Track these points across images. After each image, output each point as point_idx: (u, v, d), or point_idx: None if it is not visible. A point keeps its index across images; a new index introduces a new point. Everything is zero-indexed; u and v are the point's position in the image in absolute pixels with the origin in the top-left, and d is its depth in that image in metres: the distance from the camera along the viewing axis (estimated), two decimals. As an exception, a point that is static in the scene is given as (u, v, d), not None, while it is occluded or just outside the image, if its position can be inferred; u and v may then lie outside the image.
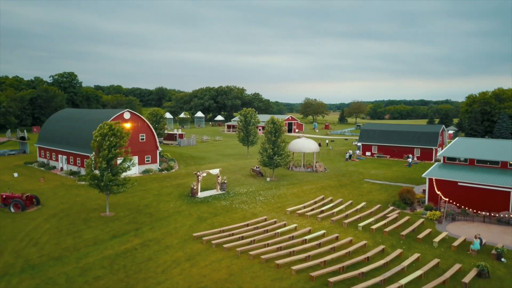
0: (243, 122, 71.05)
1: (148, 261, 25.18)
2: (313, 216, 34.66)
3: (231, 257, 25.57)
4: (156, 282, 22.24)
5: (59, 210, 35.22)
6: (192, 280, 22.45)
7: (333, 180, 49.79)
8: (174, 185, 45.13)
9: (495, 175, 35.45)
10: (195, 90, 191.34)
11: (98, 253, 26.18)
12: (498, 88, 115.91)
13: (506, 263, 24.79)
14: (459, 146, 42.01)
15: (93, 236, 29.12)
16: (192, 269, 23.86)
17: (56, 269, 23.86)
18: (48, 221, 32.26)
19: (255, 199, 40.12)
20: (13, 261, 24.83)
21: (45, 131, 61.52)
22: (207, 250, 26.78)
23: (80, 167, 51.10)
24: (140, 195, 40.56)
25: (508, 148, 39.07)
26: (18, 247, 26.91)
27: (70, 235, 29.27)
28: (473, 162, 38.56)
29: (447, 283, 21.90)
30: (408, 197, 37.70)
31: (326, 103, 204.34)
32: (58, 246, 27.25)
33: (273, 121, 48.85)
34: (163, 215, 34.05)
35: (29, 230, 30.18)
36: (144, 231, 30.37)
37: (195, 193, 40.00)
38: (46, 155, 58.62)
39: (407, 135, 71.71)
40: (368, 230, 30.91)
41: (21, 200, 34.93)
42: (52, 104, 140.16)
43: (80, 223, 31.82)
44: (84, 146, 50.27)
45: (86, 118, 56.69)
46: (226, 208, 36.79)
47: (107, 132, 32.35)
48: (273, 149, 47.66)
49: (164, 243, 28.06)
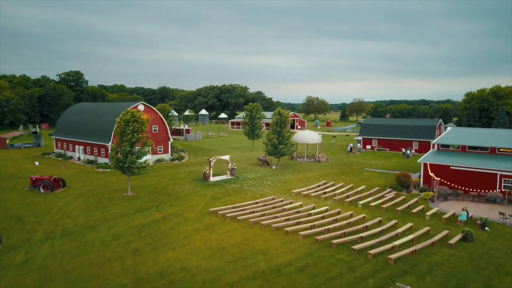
0: (249, 117, 74.21)
1: (171, 230, 28.33)
2: (317, 196, 37.82)
3: (244, 227, 28.74)
4: (180, 245, 25.38)
5: (84, 191, 38.49)
6: (212, 243, 25.60)
7: (335, 169, 52.96)
8: (187, 172, 48.39)
9: (484, 160, 38.54)
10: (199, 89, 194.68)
11: (126, 224, 29.38)
12: (496, 85, 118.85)
13: (489, 231, 27.88)
14: (452, 134, 45.14)
15: (119, 210, 32.35)
16: (211, 236, 27.01)
17: (91, 235, 27.07)
18: (76, 199, 35.52)
19: (262, 183, 43.32)
20: (52, 228, 28.07)
21: (62, 124, 64.78)
22: (222, 222, 29.95)
23: (97, 156, 54.35)
24: (156, 179, 43.81)
25: (497, 136, 42.18)
26: (54, 219, 30.16)
27: (98, 210, 32.51)
28: (465, 149, 41.65)
29: (435, 244, 25.03)
30: (405, 181, 40.84)
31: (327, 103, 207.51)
32: (89, 218, 30.48)
33: (279, 113, 52.03)
34: (179, 195, 37.28)
35: (61, 206, 33.44)
36: (164, 207, 33.58)
37: (207, 177, 43.21)
38: (63, 146, 61.87)
39: (406, 129, 74.83)
40: (367, 207, 34.06)
41: (50, 181, 38.17)
42: (60, 102, 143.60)
43: (105, 201, 35.06)
44: (100, 136, 53.56)
45: (101, 111, 59.93)
46: (237, 190, 40.00)
47: (129, 118, 35.56)
48: (278, 138, 50.83)
49: (183, 217, 31.24)
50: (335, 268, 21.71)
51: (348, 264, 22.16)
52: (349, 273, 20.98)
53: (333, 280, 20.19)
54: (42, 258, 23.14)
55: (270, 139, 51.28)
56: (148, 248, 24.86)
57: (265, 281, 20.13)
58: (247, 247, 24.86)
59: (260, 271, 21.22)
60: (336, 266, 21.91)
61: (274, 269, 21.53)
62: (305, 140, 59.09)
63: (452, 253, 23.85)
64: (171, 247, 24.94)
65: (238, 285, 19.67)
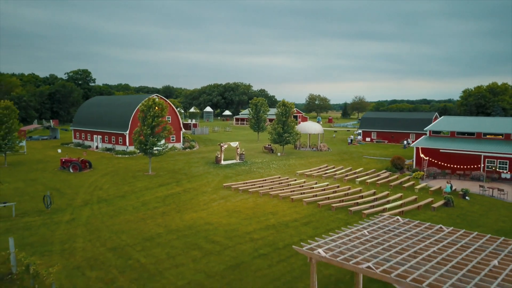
0: (254, 110, 78.33)
1: (191, 200, 32.45)
2: (318, 176, 41.90)
3: (255, 197, 32.87)
4: (201, 209, 29.50)
5: (109, 171, 42.72)
6: (228, 207, 29.72)
7: (336, 156, 57.02)
8: (199, 157, 52.59)
9: (470, 144, 42.56)
10: (204, 87, 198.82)
11: (151, 194, 33.56)
12: (492, 82, 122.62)
13: (469, 200, 31.91)
14: (443, 122, 49.16)
15: (144, 185, 36.54)
16: (227, 203, 31.13)
17: (123, 202, 31.26)
18: (104, 177, 39.74)
19: (269, 166, 47.45)
20: (88, 197, 32.28)
21: (79, 116, 69.08)
22: (235, 194, 34.07)
23: (115, 144, 58.59)
24: (172, 163, 48.02)
25: (483, 123, 46.21)
26: (88, 190, 34.38)
27: (125, 184, 36.72)
28: (454, 134, 45.66)
29: (421, 208, 29.12)
30: (399, 163, 44.88)
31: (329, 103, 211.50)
32: (119, 190, 34.69)
33: (284, 104, 56.14)
34: (195, 174, 41.45)
35: (92, 181, 37.68)
36: (183, 183, 37.75)
37: (219, 160, 47.38)
38: (81, 136, 66.16)
39: (404, 121, 78.79)
40: (364, 184, 38.13)
41: (78, 163, 42.39)
42: (69, 99, 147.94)
43: (130, 178, 39.26)
44: (118, 126, 57.79)
45: (117, 103, 64.19)
46: (246, 171, 44.15)
47: (151, 104, 39.74)
48: (283, 127, 54.94)
49: (201, 190, 35.38)
50: (334, 223, 25.83)
51: (345, 220, 26.26)
52: (345, 226, 25.05)
53: (332, 231, 24.27)
54: (86, 217, 27.33)
55: (275, 128, 55.38)
56: (174, 211, 29.01)
57: (275, 231, 24.25)
58: (259, 210, 28.98)
59: (271, 225, 25.36)
60: (335, 222, 26.03)
61: (283, 223, 25.66)
62: (308, 130, 63.16)
63: (434, 214, 27.92)
64: (193, 211, 29.07)
65: (253, 233, 23.80)
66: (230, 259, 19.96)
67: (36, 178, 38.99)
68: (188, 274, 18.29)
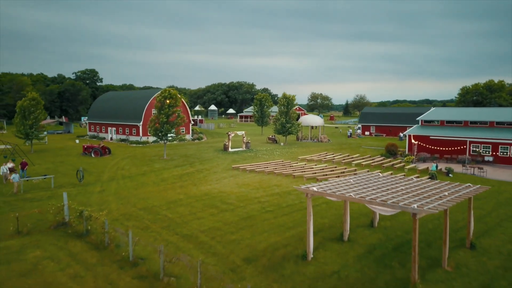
0: (258, 105, 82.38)
1: (204, 177, 36.48)
2: (319, 160, 45.88)
3: (261, 175, 36.88)
4: (214, 183, 33.48)
5: (127, 156, 46.88)
6: (238, 182, 33.73)
7: (335, 146, 60.97)
8: (208, 146, 56.71)
9: (458, 131, 46.42)
10: (208, 86, 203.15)
11: (169, 173, 37.64)
12: (489, 79, 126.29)
13: (452, 177, 35.81)
14: (434, 113, 53.06)
15: (161, 166, 40.65)
16: (236, 179, 35.15)
17: (144, 178, 35.33)
18: (123, 160, 43.89)
19: (273, 153, 51.49)
20: (113, 175, 36.40)
21: (94, 110, 73.37)
22: (243, 173, 38.10)
23: (128, 135, 62.76)
24: (184, 150, 52.14)
25: (470, 113, 50.12)
26: (112, 170, 38.51)
27: (144, 166, 40.84)
28: (443, 123, 49.54)
29: (407, 182, 33.02)
30: (393, 149, 48.79)
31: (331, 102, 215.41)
32: (139, 170, 38.81)
33: (285, 96, 60.17)
34: (206, 158, 45.54)
35: (113, 164, 41.83)
36: (196, 165, 41.83)
37: (227, 148, 51.45)
38: (96, 128, 70.41)
39: (401, 116, 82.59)
40: (359, 166, 42.08)
41: (99, 148, 46.55)
42: (78, 98, 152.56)
43: (147, 161, 43.39)
44: (131, 118, 61.97)
45: (130, 97, 68.44)
46: (252, 156, 48.20)
47: (167, 95, 43.83)
48: (286, 118, 58.94)
49: (212, 170, 39.43)
50: (330, 192, 29.81)
51: (340, 190, 30.21)
52: (340, 194, 29.05)
53: (328, 197, 28.28)
54: (114, 189, 31.41)
55: (278, 118, 59.40)
56: (190, 185, 33.05)
57: (279, 196, 28.27)
58: (265, 183, 32.99)
59: (276, 193, 29.38)
60: (331, 191, 30.00)
61: (285, 192, 29.67)
62: (309, 122, 67.17)
63: (418, 186, 31.81)
64: (207, 184, 33.12)
65: (261, 198, 27.82)
66: (242, 213, 23.99)
67: (63, 161, 43.18)
68: (208, 223, 22.32)
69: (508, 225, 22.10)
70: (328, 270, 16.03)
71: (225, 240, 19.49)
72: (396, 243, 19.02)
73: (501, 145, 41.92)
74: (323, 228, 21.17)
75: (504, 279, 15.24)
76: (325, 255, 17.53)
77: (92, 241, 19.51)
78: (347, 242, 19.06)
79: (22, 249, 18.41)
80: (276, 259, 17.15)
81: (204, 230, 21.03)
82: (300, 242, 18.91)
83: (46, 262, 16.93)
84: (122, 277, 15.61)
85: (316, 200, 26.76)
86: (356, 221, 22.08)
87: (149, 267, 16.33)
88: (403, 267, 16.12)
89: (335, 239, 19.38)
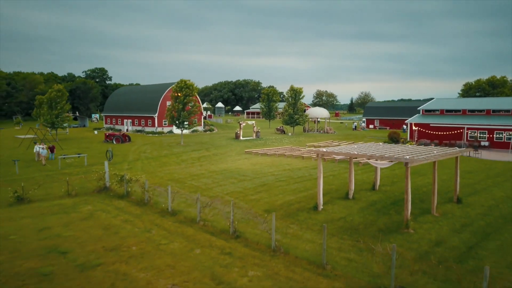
0: (266, 100, 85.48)
1: (220, 159, 39.71)
2: (326, 146, 48.99)
3: (272, 157, 40.08)
4: (230, 163, 36.74)
5: (146, 142, 50.26)
6: (252, 162, 36.93)
7: (341, 136, 64.01)
8: (220, 136, 60.02)
9: (456, 119, 49.34)
10: (215, 84, 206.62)
11: (187, 156, 40.93)
12: (492, 76, 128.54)
13: (449, 158, 38.78)
14: (434, 103, 55.99)
15: (179, 151, 43.97)
16: (250, 160, 38.36)
17: (166, 159, 38.64)
18: (144, 146, 47.27)
19: (282, 141, 54.68)
20: (137, 157, 39.75)
21: (109, 104, 76.94)
22: (255, 156, 41.31)
23: (144, 126, 66.19)
24: (198, 138, 55.47)
25: (468, 102, 52.98)
26: (136, 153, 41.89)
27: (164, 150, 44.19)
28: (443, 112, 52.46)
29: (407, 161, 36.08)
30: (395, 136, 51.79)
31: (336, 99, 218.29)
32: (160, 153, 42.15)
33: (292, 89, 63.30)
34: (220, 145, 48.82)
35: (135, 149, 45.21)
36: (211, 150, 45.12)
37: (238, 136, 54.70)
38: (112, 121, 73.94)
39: (404, 109, 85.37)
40: (363, 150, 45.15)
41: (120, 136, 49.97)
42: (89, 95, 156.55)
43: (166, 146, 46.74)
44: (147, 110, 65.39)
45: (145, 91, 71.92)
46: (262, 144, 51.43)
47: (183, 85, 47.15)
48: (294, 109, 62.08)
49: (227, 154, 42.68)
50: (336, 168, 32.94)
51: (345, 169, 33.35)
52: (345, 172, 32.20)
53: (334, 174, 31.43)
54: (140, 167, 34.73)
55: (286, 110, 62.54)
56: (209, 164, 36.31)
57: (290, 171, 31.45)
58: (276, 162, 36.19)
59: (287, 169, 32.56)
60: (338, 167, 33.12)
61: (296, 168, 32.85)
62: (316, 114, 70.28)
63: (417, 164, 34.84)
64: (224, 163, 36.36)
65: (274, 172, 31.02)
66: (259, 182, 27.20)
67: (88, 147, 46.65)
68: (230, 188, 25.55)
69: (494, 190, 25.13)
70: (336, 216, 19.19)
71: (247, 199, 22.70)
72: (394, 200, 22.16)
73: (496, 130, 44.82)
74: (330, 191, 24.32)
75: (482, 220, 18.34)
76: (333, 207, 20.69)
77: (133, 200, 22.80)
78: (352, 199, 22.22)
79: (75, 205, 21.74)
80: (292, 210, 20.33)
81: (227, 193, 24.25)
82: (311, 200, 22.09)
83: (99, 213, 20.23)
84: (164, 221, 18.86)
85: (324, 172, 30.00)
86: (359, 187, 25.24)
87: (187, 215, 19.57)
88: (399, 214, 19.25)
89: (341, 198, 22.55)
